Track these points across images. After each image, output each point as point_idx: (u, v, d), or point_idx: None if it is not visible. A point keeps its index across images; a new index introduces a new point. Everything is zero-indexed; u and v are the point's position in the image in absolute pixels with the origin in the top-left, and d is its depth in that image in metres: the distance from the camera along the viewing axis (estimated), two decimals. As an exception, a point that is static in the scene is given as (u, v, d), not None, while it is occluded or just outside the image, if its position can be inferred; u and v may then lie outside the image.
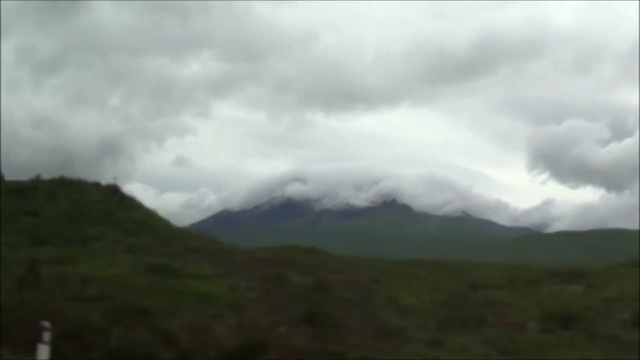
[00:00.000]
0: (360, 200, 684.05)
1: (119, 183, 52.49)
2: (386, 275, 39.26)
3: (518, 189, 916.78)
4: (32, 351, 15.27)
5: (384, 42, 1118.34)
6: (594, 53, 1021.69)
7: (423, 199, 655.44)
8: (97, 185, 51.20)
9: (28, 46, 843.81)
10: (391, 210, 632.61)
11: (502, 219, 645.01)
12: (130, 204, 50.70)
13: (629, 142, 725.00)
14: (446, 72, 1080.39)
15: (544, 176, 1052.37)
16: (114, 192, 50.51)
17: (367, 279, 37.38)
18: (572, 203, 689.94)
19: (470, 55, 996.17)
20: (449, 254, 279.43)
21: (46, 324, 15.02)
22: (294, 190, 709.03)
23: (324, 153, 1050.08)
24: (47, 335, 14.88)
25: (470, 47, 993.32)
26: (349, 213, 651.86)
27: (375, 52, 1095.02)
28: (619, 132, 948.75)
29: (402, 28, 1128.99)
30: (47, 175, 48.61)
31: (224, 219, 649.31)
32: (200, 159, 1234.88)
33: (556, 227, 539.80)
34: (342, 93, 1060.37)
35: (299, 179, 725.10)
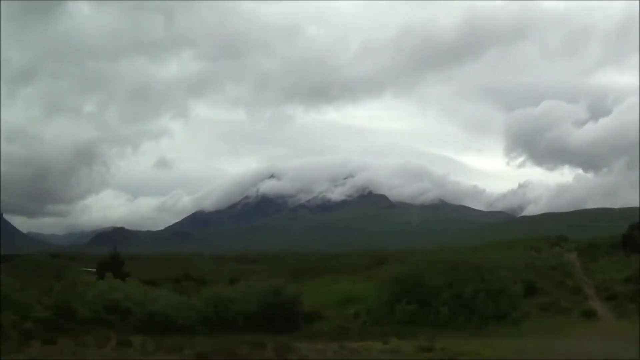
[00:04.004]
0: (336, 194, 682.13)
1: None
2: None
3: (495, 174, 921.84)
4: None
5: (370, 32, 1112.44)
6: (581, 35, 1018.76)
7: (399, 190, 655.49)
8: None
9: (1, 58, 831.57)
10: (368, 202, 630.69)
11: (478, 205, 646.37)
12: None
13: (605, 122, 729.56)
14: (431, 59, 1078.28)
15: (521, 159, 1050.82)
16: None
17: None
18: (547, 185, 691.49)
19: (456, 41, 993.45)
20: (427, 242, 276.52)
21: None
22: (268, 187, 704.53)
23: (298, 149, 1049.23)
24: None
25: (456, 32, 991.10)
26: (325, 207, 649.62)
27: (361, 43, 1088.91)
28: (597, 112, 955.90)
29: (388, 16, 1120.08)
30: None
31: (199, 220, 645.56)
32: (175, 161, 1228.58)
33: (531, 209, 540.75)
34: (324, 87, 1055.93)
35: (273, 175, 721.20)
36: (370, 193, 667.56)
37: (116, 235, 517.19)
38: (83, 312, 26.22)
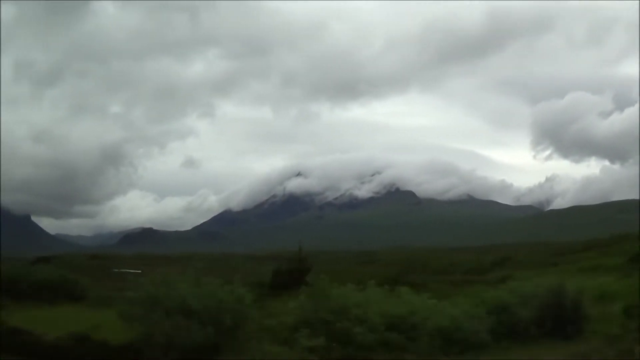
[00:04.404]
0: (363, 191, 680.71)
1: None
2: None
3: (522, 168, 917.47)
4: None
5: (394, 27, 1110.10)
6: (605, 25, 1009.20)
7: (427, 186, 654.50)
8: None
9: (26, 60, 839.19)
10: (395, 199, 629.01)
11: (506, 199, 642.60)
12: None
13: (630, 112, 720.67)
14: (455, 53, 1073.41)
15: (547, 152, 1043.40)
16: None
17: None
18: (574, 178, 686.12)
19: (480, 34, 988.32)
20: (454, 237, 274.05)
21: None
22: (295, 185, 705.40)
23: (324, 146, 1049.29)
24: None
25: (480, 25, 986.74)
26: (352, 205, 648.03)
27: (385, 39, 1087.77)
28: (623, 103, 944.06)
29: (412, 11, 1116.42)
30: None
31: (226, 219, 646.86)
32: (201, 160, 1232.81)
33: (559, 203, 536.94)
34: (350, 83, 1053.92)
35: (299, 174, 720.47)
36: (397, 190, 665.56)
37: (144, 236, 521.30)
38: (363, 334, 20.45)
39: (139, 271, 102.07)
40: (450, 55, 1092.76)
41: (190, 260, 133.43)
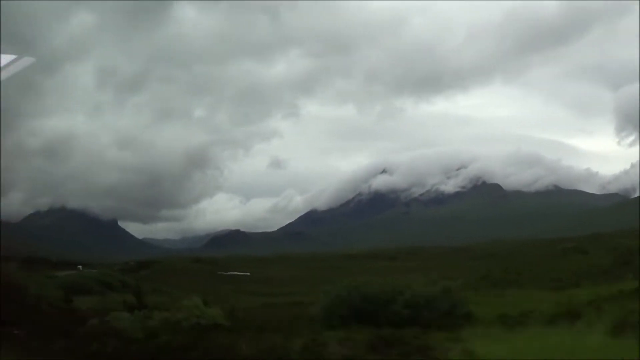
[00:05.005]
0: (450, 185, 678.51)
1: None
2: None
3: (606, 156, 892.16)
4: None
5: (475, 18, 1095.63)
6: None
7: (513, 178, 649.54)
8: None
9: (109, 67, 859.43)
10: (481, 192, 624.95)
11: (592, 188, 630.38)
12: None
13: None
14: (536, 42, 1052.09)
15: (632, 138, 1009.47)
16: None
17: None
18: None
19: (560, 20, 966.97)
20: (543, 229, 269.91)
21: None
22: (381, 182, 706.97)
23: (409, 141, 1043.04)
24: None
25: (560, 10, 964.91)
26: (439, 200, 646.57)
27: (467, 30, 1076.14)
28: None
29: (491, 1, 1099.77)
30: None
31: (312, 219, 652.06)
32: (287, 161, 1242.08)
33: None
34: (433, 77, 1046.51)
35: (384, 170, 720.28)
36: (483, 183, 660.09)
37: (231, 238, 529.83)
38: None
39: (248, 273, 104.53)
40: (530, 44, 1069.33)
41: (287, 260, 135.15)
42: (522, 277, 46.77)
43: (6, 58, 12.22)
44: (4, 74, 12.22)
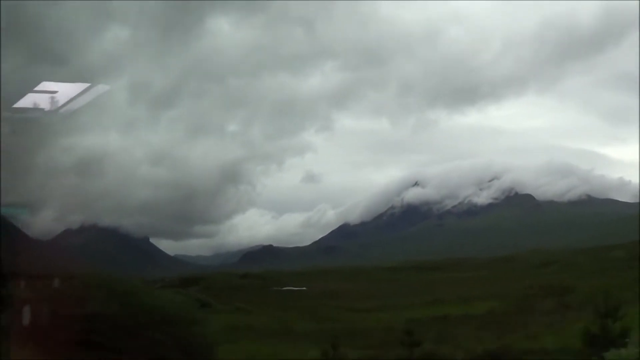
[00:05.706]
0: (482, 197, 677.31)
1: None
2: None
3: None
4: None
5: (510, 28, 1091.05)
6: None
7: (546, 188, 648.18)
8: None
9: (142, 82, 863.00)
10: (514, 203, 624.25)
11: (625, 197, 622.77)
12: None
13: None
14: (572, 51, 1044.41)
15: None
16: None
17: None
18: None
19: (596, 28, 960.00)
20: (576, 239, 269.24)
21: None
22: (413, 195, 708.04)
23: (441, 154, 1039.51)
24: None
25: (595, 19, 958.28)
26: (472, 212, 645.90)
27: (502, 40, 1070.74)
28: None
29: (527, 10, 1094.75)
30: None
31: (345, 233, 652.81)
32: (320, 175, 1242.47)
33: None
34: (467, 88, 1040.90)
35: (417, 183, 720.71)
36: (516, 194, 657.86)
37: (264, 253, 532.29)
38: None
39: (304, 288, 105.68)
40: (566, 52, 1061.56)
41: (327, 274, 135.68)
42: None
43: (79, 86, 12.75)
44: (78, 103, 12.93)
